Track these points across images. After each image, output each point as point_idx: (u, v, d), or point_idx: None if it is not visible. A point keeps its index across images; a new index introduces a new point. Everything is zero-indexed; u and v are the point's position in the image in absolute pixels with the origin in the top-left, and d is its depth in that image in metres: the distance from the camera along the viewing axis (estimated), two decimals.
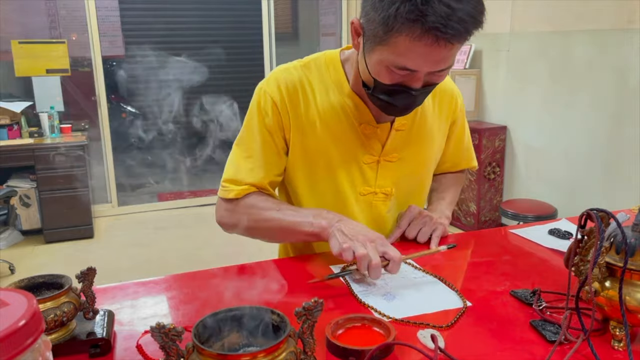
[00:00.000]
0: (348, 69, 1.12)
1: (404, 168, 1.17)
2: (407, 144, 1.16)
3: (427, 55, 0.88)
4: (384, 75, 0.95)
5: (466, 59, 4.11)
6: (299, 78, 1.11)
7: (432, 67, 0.91)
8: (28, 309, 0.43)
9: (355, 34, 0.99)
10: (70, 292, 0.73)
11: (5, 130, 4.02)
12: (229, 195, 1.12)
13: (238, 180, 1.12)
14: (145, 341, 0.76)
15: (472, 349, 0.74)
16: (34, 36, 4.22)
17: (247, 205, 1.11)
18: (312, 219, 1.04)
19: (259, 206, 1.10)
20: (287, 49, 5.07)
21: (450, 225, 1.26)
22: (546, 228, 1.23)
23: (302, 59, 1.16)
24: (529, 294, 0.88)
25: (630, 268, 0.70)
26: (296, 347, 0.59)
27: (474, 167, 1.40)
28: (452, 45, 0.88)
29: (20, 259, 3.66)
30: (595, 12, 3.17)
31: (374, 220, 1.18)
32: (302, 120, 1.10)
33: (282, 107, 1.10)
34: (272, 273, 1.04)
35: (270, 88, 1.11)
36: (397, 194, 1.19)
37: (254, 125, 1.12)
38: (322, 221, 1.02)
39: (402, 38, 0.87)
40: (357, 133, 1.12)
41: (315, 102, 1.11)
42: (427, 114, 1.19)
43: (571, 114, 3.42)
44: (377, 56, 0.93)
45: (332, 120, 1.11)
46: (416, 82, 0.94)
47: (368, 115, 1.11)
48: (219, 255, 3.48)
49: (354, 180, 1.14)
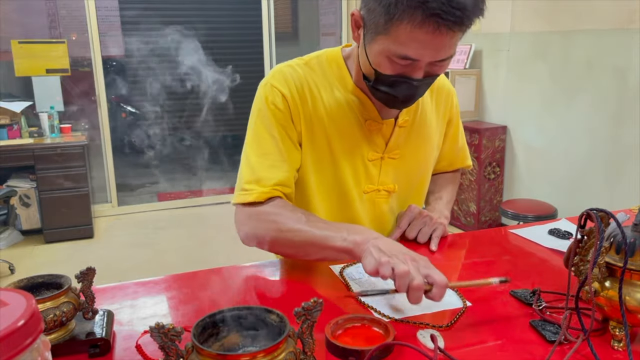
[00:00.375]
0: (350, 65, 1.11)
1: (405, 165, 1.17)
2: (409, 141, 1.16)
3: (428, 42, 0.87)
4: (385, 65, 0.94)
5: (466, 59, 4.11)
6: (304, 75, 1.10)
7: (433, 55, 0.90)
8: (27, 309, 0.43)
9: (356, 26, 0.99)
10: (69, 292, 0.72)
11: (5, 130, 4.02)
12: (249, 198, 1.02)
13: (259, 180, 1.03)
14: (145, 341, 0.76)
15: (471, 349, 0.74)
16: (34, 36, 4.22)
17: (272, 212, 1.01)
18: (346, 234, 0.92)
19: (286, 215, 0.99)
20: (287, 48, 5.07)
21: (450, 225, 1.26)
22: (546, 228, 1.23)
23: (302, 57, 1.14)
24: (529, 294, 0.88)
25: (630, 268, 0.70)
26: (295, 347, 0.59)
27: (469, 166, 1.39)
28: (453, 33, 0.87)
29: (20, 259, 3.66)
30: (595, 12, 3.17)
31: (376, 219, 1.18)
32: (310, 116, 1.08)
33: (292, 100, 1.06)
34: (272, 273, 1.04)
35: (277, 82, 1.08)
36: (399, 191, 1.19)
37: (264, 121, 1.06)
38: (357, 237, 0.91)
39: (404, 26, 0.86)
40: (363, 129, 1.11)
41: (322, 99, 1.09)
42: (427, 110, 1.18)
43: (571, 114, 3.42)
44: (378, 46, 0.93)
45: (339, 116, 1.09)
46: (417, 72, 0.93)
47: (373, 111, 1.10)
48: (218, 255, 3.48)
49: (358, 177, 1.13)
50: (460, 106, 1.33)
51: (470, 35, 4.16)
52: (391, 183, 1.17)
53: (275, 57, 4.94)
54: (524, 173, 3.88)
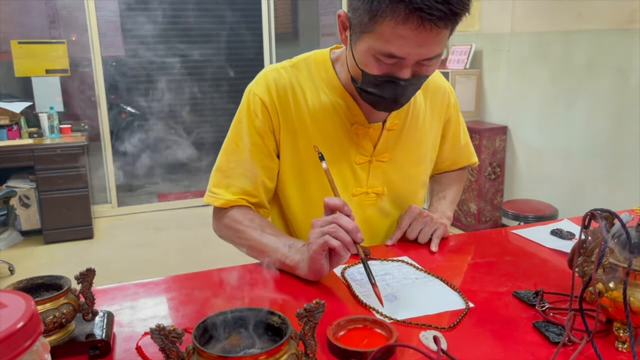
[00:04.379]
0: (339, 68, 1.11)
1: (396, 168, 1.17)
2: (399, 144, 1.16)
3: (413, 39, 0.87)
4: (372, 65, 0.93)
5: (466, 59, 4.11)
6: (288, 79, 1.10)
7: (419, 52, 0.89)
8: (26, 311, 0.42)
9: (342, 28, 0.99)
10: (69, 293, 0.72)
11: (5, 131, 4.01)
12: (216, 202, 1.09)
13: (228, 187, 1.09)
14: (145, 343, 0.75)
15: (474, 351, 0.73)
16: (34, 36, 4.21)
17: (233, 219, 1.08)
18: (287, 251, 0.99)
19: (244, 224, 1.06)
20: (287, 49, 5.06)
21: (451, 226, 1.25)
22: (548, 228, 1.23)
23: (291, 59, 1.14)
24: (532, 294, 0.87)
25: (634, 269, 0.70)
26: (297, 349, 0.58)
27: (475, 163, 1.38)
28: (438, 29, 0.86)
29: (19, 260, 3.65)
30: (595, 12, 3.16)
31: (365, 221, 1.17)
32: (292, 121, 1.09)
33: (272, 108, 1.08)
34: (273, 274, 1.03)
35: (259, 90, 1.09)
36: (390, 194, 1.18)
37: (243, 128, 1.09)
38: (295, 257, 0.97)
39: (387, 22, 0.86)
40: (349, 133, 1.11)
41: (306, 102, 1.09)
42: (419, 113, 1.18)
43: (571, 114, 3.42)
44: (364, 45, 0.92)
45: (324, 120, 1.10)
46: (404, 71, 0.92)
47: (360, 115, 1.10)
48: (219, 256, 3.47)
49: (346, 180, 1.13)
50: (461, 106, 1.32)
51: (470, 35, 4.16)
52: (380, 186, 1.16)
53: (275, 58, 4.94)
54: (525, 173, 3.88)
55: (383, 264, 1.04)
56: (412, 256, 1.07)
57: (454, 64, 4.18)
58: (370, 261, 1.05)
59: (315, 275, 0.93)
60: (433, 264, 1.05)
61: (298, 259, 0.96)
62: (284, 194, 1.16)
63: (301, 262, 0.95)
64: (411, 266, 1.03)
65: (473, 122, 4.08)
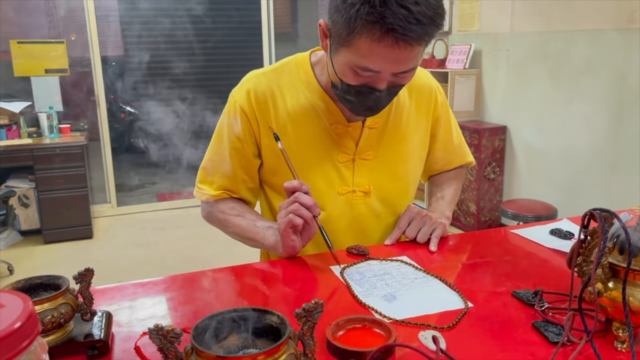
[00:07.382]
0: (319, 70, 1.14)
1: (381, 166, 1.17)
2: (383, 142, 1.17)
3: (388, 56, 0.90)
4: (349, 76, 0.97)
5: (466, 59, 4.10)
6: (268, 85, 1.13)
7: (394, 68, 0.93)
8: (24, 311, 0.42)
9: (323, 36, 1.01)
10: (67, 293, 0.72)
11: (4, 131, 4.01)
12: (202, 197, 1.19)
13: (211, 183, 1.17)
14: (144, 343, 0.75)
15: (473, 351, 0.73)
16: (33, 36, 4.21)
17: (218, 209, 1.18)
18: (264, 234, 1.10)
19: (228, 213, 1.16)
20: (287, 49, 5.06)
21: (450, 226, 1.25)
22: (547, 228, 1.23)
23: (276, 62, 1.19)
24: (531, 294, 0.87)
25: (634, 269, 0.70)
26: (296, 349, 0.58)
27: (470, 163, 1.37)
28: (412, 47, 0.89)
29: (19, 260, 3.65)
30: (595, 12, 3.16)
31: (354, 220, 1.18)
32: (272, 126, 1.12)
33: (251, 115, 1.13)
34: (272, 274, 1.03)
35: (239, 96, 1.14)
36: (378, 192, 1.18)
37: (224, 132, 1.15)
38: (271, 239, 1.08)
39: (363, 40, 0.89)
40: (330, 133, 1.13)
41: (286, 105, 1.13)
42: (403, 111, 1.19)
43: (571, 114, 3.42)
44: (342, 57, 0.96)
45: (304, 121, 1.12)
46: (381, 83, 0.96)
47: (339, 115, 1.12)
48: (218, 256, 3.48)
49: (331, 180, 1.15)
50: (460, 106, 1.32)
51: (469, 35, 4.16)
52: (366, 184, 1.17)
53: (275, 58, 4.94)
54: (524, 173, 3.88)
55: (382, 264, 1.04)
56: (411, 256, 1.07)
57: (453, 64, 4.18)
58: (370, 261, 1.05)
59: (289, 252, 1.04)
60: (432, 263, 1.05)
61: (274, 240, 1.06)
62: (269, 193, 1.21)
63: (276, 242, 1.05)
64: (410, 266, 1.03)
65: (472, 122, 4.08)
